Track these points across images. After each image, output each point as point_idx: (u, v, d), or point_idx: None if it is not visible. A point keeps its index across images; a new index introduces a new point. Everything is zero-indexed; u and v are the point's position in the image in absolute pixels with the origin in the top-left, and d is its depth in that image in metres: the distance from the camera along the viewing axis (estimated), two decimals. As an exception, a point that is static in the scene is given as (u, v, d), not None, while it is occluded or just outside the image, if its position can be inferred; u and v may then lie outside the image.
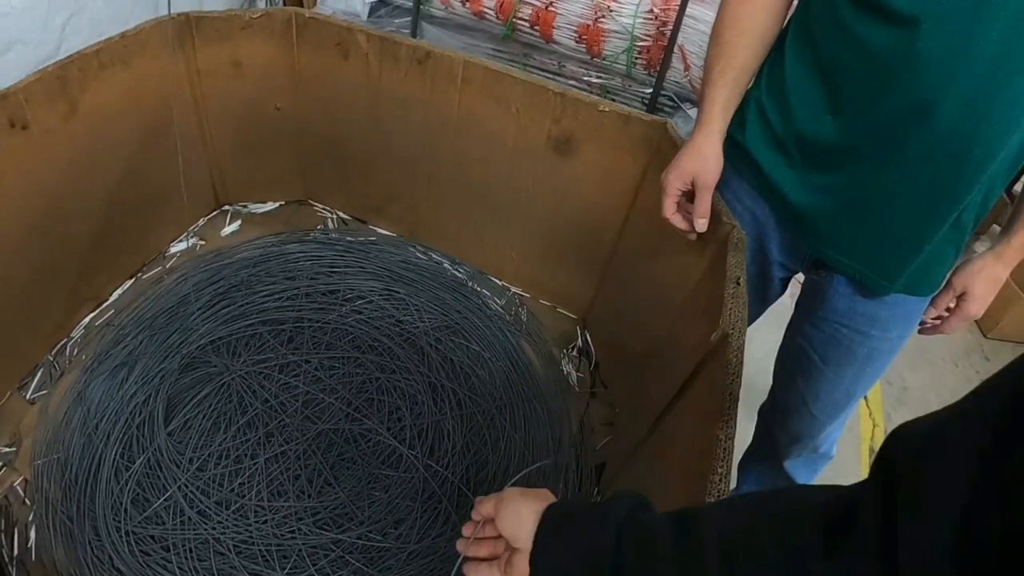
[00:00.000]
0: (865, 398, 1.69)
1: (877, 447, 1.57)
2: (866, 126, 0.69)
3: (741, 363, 0.65)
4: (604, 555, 0.40)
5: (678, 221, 0.79)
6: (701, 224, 0.77)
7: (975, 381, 1.69)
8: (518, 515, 0.47)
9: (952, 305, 0.83)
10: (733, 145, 0.84)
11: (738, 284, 0.73)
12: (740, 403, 0.97)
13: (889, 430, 1.54)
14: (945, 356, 1.89)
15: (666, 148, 0.92)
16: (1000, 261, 0.79)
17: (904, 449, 0.30)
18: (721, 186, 0.84)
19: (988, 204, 0.75)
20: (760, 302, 0.93)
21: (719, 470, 0.56)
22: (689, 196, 0.79)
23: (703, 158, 0.76)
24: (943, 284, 0.82)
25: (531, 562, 0.45)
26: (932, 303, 0.83)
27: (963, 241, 0.78)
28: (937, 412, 0.29)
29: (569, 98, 0.95)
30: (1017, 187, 1.45)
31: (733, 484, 1.20)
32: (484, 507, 0.52)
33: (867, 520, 0.30)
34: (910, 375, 1.80)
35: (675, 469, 0.69)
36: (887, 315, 0.82)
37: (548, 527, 0.45)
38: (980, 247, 2.43)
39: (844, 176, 0.73)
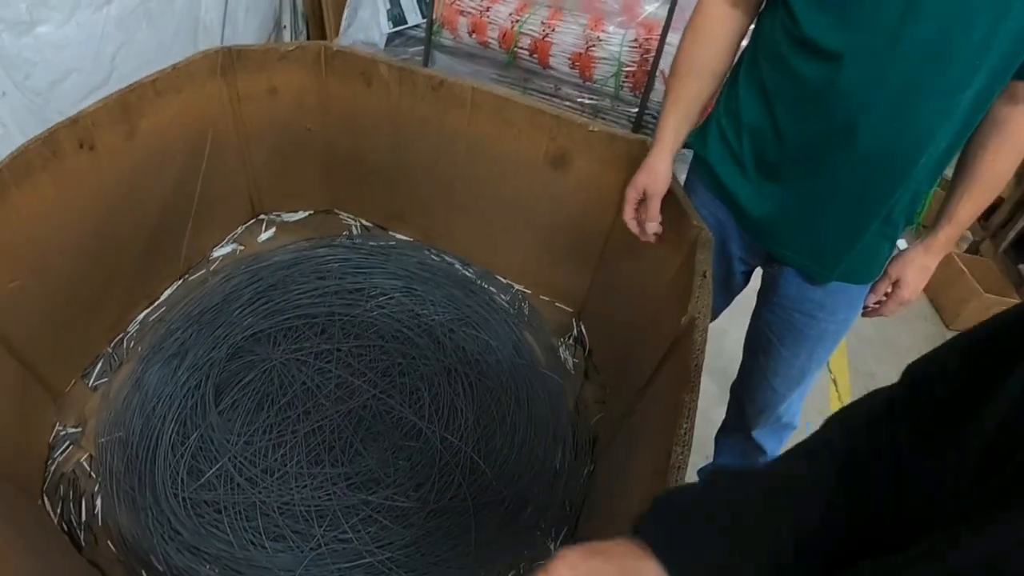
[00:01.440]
0: (835, 383, 1.79)
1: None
2: (800, 144, 0.78)
3: (705, 341, 0.76)
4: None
5: (633, 226, 0.90)
6: (651, 227, 0.88)
7: (936, 369, 1.76)
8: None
9: (889, 291, 0.92)
10: (697, 158, 0.94)
11: (704, 277, 0.83)
12: (717, 386, 1.08)
13: None
14: (910, 345, 1.99)
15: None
16: (929, 253, 0.88)
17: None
18: (690, 194, 0.95)
19: (917, 203, 0.84)
20: (726, 292, 1.03)
21: (684, 425, 0.66)
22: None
23: (654, 173, 0.86)
24: (881, 273, 0.91)
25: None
26: (872, 290, 0.92)
27: (896, 235, 0.87)
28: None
29: (564, 120, 1.05)
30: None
31: (708, 452, 1.30)
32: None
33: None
34: (876, 364, 1.89)
35: (652, 430, 0.79)
36: (832, 301, 0.91)
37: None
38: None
39: (786, 186, 0.82)
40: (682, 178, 0.99)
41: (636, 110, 1.37)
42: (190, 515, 0.93)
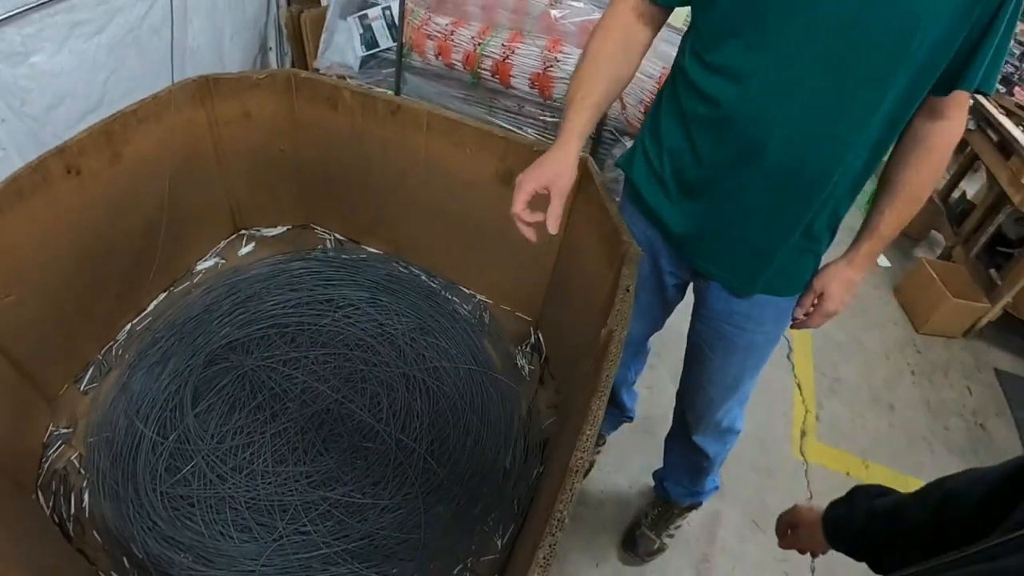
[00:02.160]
0: (799, 387, 1.83)
1: (808, 431, 1.72)
2: (715, 164, 0.82)
3: (620, 352, 0.82)
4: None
5: (527, 215, 0.80)
6: (553, 226, 0.79)
7: (906, 373, 1.84)
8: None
9: (815, 303, 0.95)
10: (627, 179, 0.99)
11: (628, 291, 0.89)
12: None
13: (821, 418, 1.73)
14: (878, 349, 2.02)
15: (586, 180, 1.09)
16: (851, 266, 0.91)
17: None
18: (623, 212, 1.01)
19: (838, 217, 0.87)
20: (663, 305, 1.08)
21: (587, 432, 0.73)
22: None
23: (559, 168, 0.81)
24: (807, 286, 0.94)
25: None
26: (798, 303, 0.96)
27: (820, 249, 0.90)
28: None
29: (510, 141, 1.13)
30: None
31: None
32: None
33: None
34: (843, 366, 1.93)
35: (573, 433, 0.86)
36: (759, 312, 0.95)
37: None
38: (919, 251, 2.56)
39: (704, 204, 0.87)
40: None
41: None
42: (167, 508, 1.02)
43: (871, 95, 0.71)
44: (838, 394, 1.84)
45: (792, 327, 1.02)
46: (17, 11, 1.23)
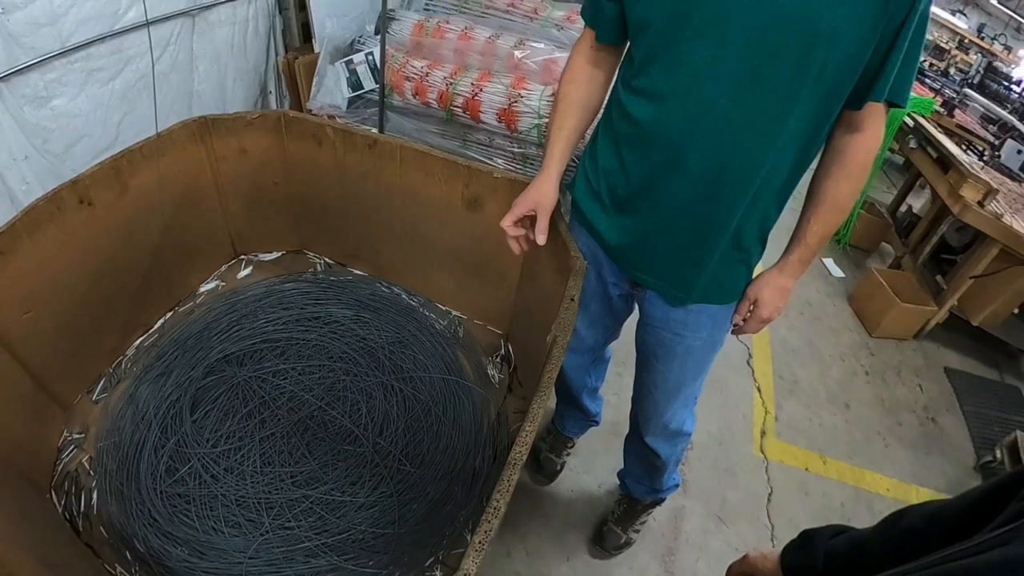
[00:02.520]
0: (759, 390, 1.87)
1: (768, 430, 1.76)
2: (641, 180, 0.86)
3: (562, 356, 0.87)
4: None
5: (513, 231, 0.94)
6: (541, 238, 0.92)
7: (860, 375, 1.89)
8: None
9: (751, 310, 0.97)
10: (573, 199, 1.04)
11: (572, 300, 0.94)
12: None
13: (779, 418, 1.77)
14: (833, 352, 2.05)
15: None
16: (783, 274, 0.93)
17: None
18: (571, 229, 1.05)
19: (766, 228, 0.89)
20: (612, 316, 1.13)
21: (527, 428, 0.78)
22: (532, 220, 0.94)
23: (543, 191, 0.93)
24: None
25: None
26: (736, 310, 0.98)
27: (751, 260, 0.92)
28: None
29: (473, 169, 1.19)
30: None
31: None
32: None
33: None
34: (800, 369, 1.97)
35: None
36: (695, 320, 0.97)
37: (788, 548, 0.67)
38: (871, 262, 2.60)
39: (635, 218, 0.90)
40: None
41: (559, 155, 1.49)
42: (165, 505, 1.07)
43: (779, 109, 0.73)
44: (796, 395, 1.88)
45: (732, 332, 1.04)
46: (40, 59, 1.31)
